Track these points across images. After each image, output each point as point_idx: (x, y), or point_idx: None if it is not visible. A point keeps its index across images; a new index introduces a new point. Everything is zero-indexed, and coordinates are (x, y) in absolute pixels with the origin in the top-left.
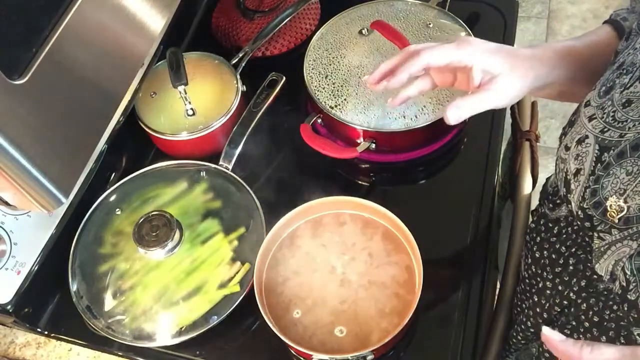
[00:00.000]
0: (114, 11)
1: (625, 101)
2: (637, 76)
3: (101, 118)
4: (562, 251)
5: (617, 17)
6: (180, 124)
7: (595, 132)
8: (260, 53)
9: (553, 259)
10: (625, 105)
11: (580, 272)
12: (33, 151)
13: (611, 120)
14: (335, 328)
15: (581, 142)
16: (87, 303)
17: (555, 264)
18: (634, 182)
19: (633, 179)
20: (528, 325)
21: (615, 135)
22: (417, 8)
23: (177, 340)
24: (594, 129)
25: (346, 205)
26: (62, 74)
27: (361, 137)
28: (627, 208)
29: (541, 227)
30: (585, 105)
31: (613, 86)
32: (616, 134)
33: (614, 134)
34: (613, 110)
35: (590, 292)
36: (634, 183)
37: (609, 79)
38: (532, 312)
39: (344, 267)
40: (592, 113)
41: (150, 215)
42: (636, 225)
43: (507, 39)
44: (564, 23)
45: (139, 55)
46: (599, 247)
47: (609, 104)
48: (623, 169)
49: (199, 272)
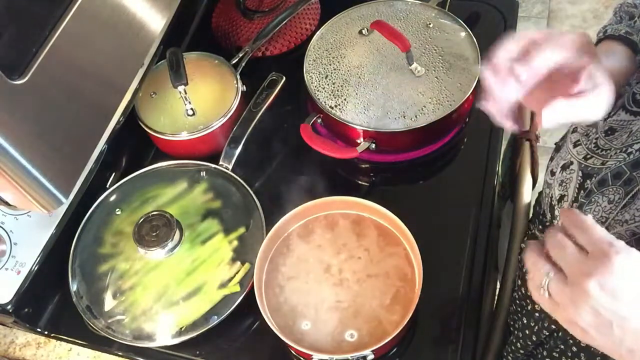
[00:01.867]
0: (114, 11)
1: (608, 129)
2: (620, 104)
3: (101, 118)
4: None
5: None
6: (180, 124)
7: (579, 159)
8: (260, 53)
9: None
10: (607, 133)
11: None
12: (33, 151)
13: (594, 147)
14: (345, 331)
15: (566, 168)
16: (87, 303)
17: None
18: (615, 210)
19: (614, 207)
20: (518, 347)
21: (597, 162)
22: (417, 8)
23: (177, 340)
24: (578, 154)
25: (346, 205)
26: (62, 74)
27: (361, 137)
28: None
29: None
30: (572, 131)
31: None
32: (598, 162)
33: (597, 161)
34: (596, 138)
35: None
36: (615, 211)
37: None
38: (521, 334)
39: (344, 266)
40: (577, 139)
41: (150, 215)
42: None
43: None
44: (564, 23)
45: (139, 55)
46: None
47: (593, 130)
48: (605, 197)
49: (199, 272)
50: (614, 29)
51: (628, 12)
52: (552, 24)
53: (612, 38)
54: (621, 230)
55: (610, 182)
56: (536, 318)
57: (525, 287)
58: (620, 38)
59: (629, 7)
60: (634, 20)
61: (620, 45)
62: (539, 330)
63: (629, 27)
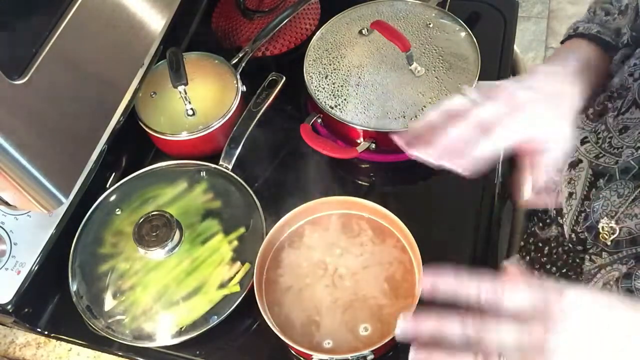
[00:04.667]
0: (114, 11)
1: (622, 127)
2: (631, 100)
3: (101, 118)
4: (553, 272)
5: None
6: (180, 124)
7: (590, 157)
8: (260, 53)
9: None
10: (622, 131)
11: None
12: (33, 151)
13: (607, 147)
14: (347, 329)
15: (574, 165)
16: (87, 303)
17: None
18: (624, 204)
19: (624, 201)
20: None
21: (611, 161)
22: (417, 8)
23: (177, 340)
24: (588, 153)
25: (346, 205)
26: (62, 74)
27: (361, 137)
28: (618, 230)
29: (531, 246)
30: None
31: (605, 109)
32: (612, 160)
33: (610, 160)
34: (609, 137)
35: None
36: (624, 205)
37: (598, 102)
38: None
39: (344, 265)
40: (585, 136)
41: (150, 215)
42: (626, 249)
43: (507, 39)
44: (564, 23)
45: (139, 55)
46: (589, 269)
47: (602, 128)
48: (614, 191)
49: (199, 272)
50: (586, 27)
51: (604, 9)
52: (552, 24)
53: (582, 36)
54: (631, 225)
55: (617, 177)
56: None
57: None
58: (590, 37)
59: (605, 2)
60: (610, 16)
61: (589, 45)
62: None
63: (601, 26)
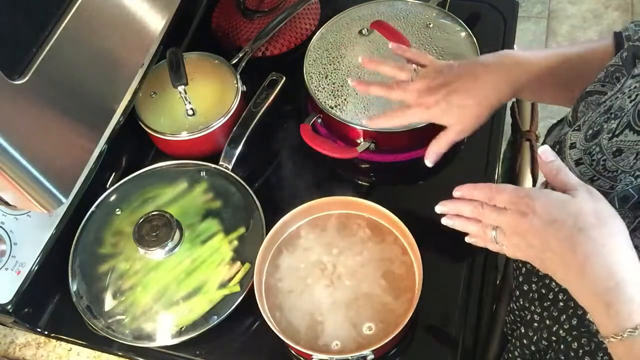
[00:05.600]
0: (113, 11)
1: (615, 150)
2: (626, 123)
3: (101, 118)
4: (552, 286)
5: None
6: (180, 124)
7: (585, 180)
8: (260, 53)
9: (542, 293)
10: (615, 154)
11: (571, 310)
12: (33, 151)
13: (601, 169)
14: (348, 328)
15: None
16: (87, 303)
17: (544, 298)
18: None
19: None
20: (516, 355)
21: (606, 185)
22: (417, 8)
23: (177, 340)
24: (583, 175)
25: (346, 205)
26: (62, 74)
27: (361, 137)
28: None
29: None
30: (570, 147)
31: (600, 131)
32: (607, 185)
33: (605, 183)
34: (603, 159)
35: (582, 331)
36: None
37: (595, 122)
38: (519, 343)
39: (344, 265)
40: (579, 157)
41: (150, 215)
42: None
43: (507, 39)
44: (564, 23)
45: (139, 55)
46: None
47: (596, 150)
48: None
49: (199, 272)
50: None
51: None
52: (552, 24)
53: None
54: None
55: (617, 206)
56: (535, 328)
57: (522, 298)
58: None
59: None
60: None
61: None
62: (537, 340)
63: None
